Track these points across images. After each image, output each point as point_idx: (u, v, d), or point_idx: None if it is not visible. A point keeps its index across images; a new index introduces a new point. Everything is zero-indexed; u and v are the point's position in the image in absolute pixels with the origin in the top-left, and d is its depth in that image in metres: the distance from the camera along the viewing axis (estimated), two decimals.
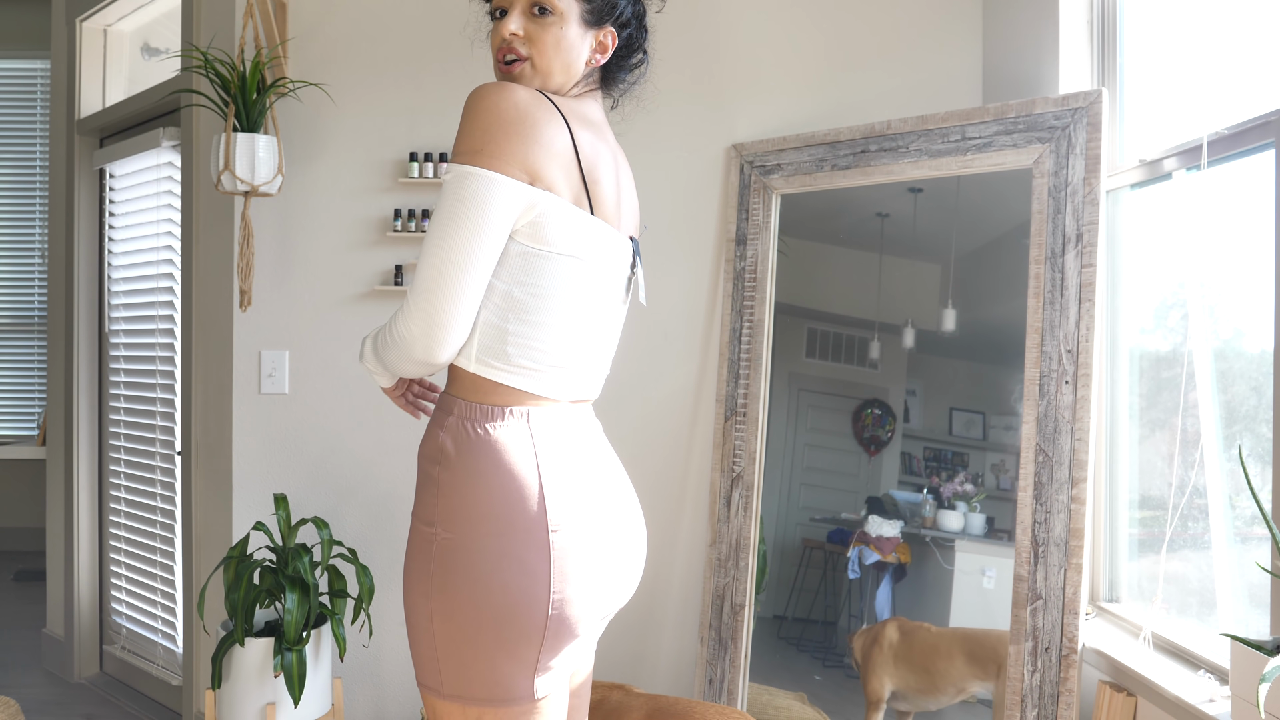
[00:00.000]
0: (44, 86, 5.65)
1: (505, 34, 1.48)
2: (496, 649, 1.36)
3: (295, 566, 2.62)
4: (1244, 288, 2.09)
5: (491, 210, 1.34)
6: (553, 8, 1.47)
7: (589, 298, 1.47)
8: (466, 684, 1.37)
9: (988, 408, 2.49)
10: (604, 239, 1.48)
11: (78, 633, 3.71)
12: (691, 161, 2.97)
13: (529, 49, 1.48)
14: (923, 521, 2.58)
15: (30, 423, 5.66)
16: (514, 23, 1.48)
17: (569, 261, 1.43)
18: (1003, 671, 2.26)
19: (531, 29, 1.47)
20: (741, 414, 2.84)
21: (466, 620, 1.36)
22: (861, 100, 2.93)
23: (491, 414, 1.41)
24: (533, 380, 1.44)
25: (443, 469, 1.41)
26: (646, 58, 1.63)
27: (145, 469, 3.49)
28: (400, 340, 1.39)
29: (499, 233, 1.36)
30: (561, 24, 1.48)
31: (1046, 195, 2.37)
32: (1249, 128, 1.97)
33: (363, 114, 2.94)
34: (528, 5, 1.48)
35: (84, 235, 3.73)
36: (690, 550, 2.97)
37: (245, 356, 2.92)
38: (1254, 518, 2.01)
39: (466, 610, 1.36)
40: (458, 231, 1.34)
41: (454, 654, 1.37)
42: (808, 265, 2.87)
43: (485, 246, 1.35)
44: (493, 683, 1.37)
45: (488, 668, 1.37)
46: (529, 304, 1.41)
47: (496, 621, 1.36)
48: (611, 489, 1.52)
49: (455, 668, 1.37)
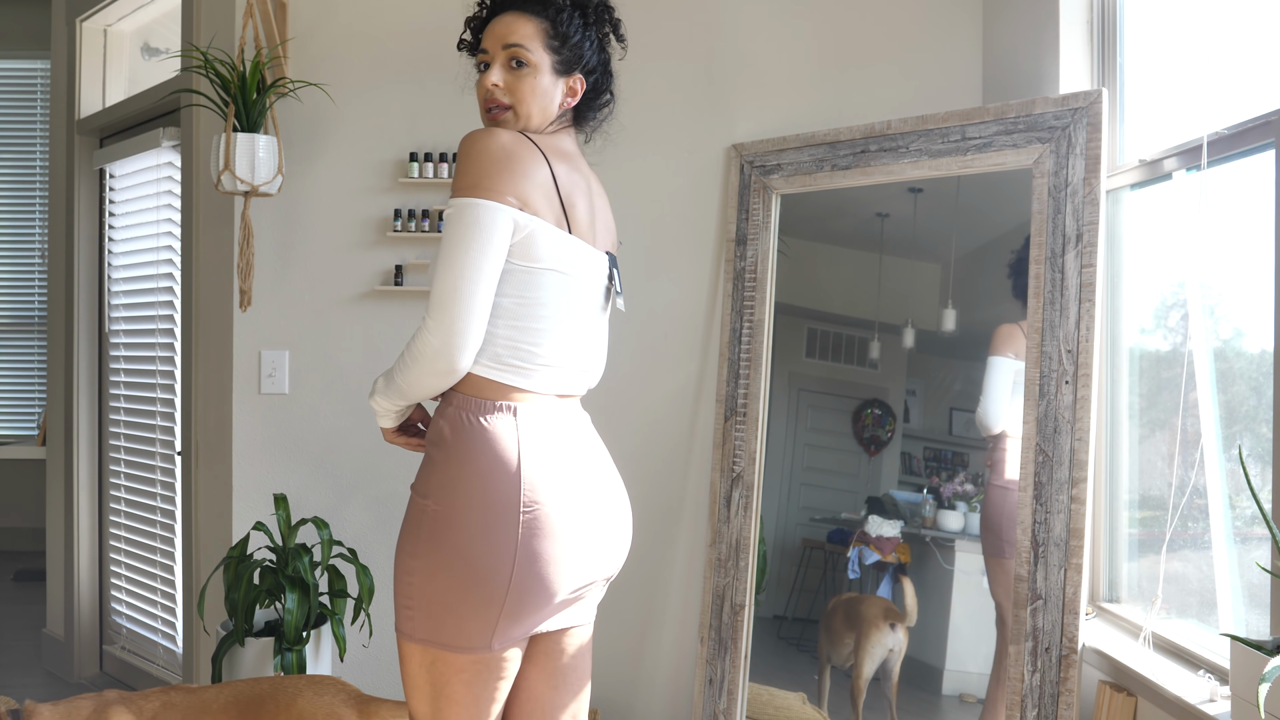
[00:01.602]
0: (44, 86, 5.65)
1: (489, 85, 1.73)
2: (463, 607, 1.60)
3: (295, 566, 2.62)
4: (1244, 288, 2.09)
5: (493, 232, 1.58)
6: (528, 61, 1.72)
7: (573, 305, 1.71)
8: (434, 631, 1.62)
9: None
10: (582, 254, 1.72)
11: (78, 633, 3.71)
12: (691, 161, 2.97)
13: (509, 98, 1.73)
14: (923, 521, 2.58)
15: (30, 423, 5.66)
16: (495, 75, 1.73)
17: (555, 275, 1.67)
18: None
19: (510, 80, 1.73)
20: (741, 414, 2.84)
21: (442, 580, 1.60)
22: (861, 100, 2.93)
23: (484, 406, 1.64)
24: (521, 377, 1.66)
25: (439, 450, 1.64)
26: (613, 98, 1.87)
27: (145, 469, 3.49)
28: (422, 355, 1.61)
29: (500, 251, 1.60)
30: (535, 74, 1.73)
31: (1046, 195, 2.37)
32: (1249, 128, 1.97)
33: (363, 114, 2.94)
34: (506, 59, 1.73)
35: (84, 235, 3.73)
36: (690, 550, 2.97)
37: (245, 356, 2.92)
38: (1254, 518, 2.01)
39: (443, 572, 1.60)
40: (466, 253, 1.57)
41: (427, 606, 1.61)
42: (808, 265, 2.87)
43: (490, 263, 1.59)
44: (455, 634, 1.61)
45: (454, 621, 1.61)
46: (520, 311, 1.64)
47: (465, 585, 1.59)
48: (593, 473, 1.73)
49: (427, 618, 1.62)
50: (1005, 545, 2.39)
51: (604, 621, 2.98)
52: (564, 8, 1.74)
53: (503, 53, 1.73)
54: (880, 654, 2.36)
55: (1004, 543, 2.40)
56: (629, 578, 2.96)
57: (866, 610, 2.46)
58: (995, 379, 2.46)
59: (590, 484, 1.71)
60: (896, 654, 2.35)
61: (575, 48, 1.75)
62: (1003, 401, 2.45)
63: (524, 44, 1.71)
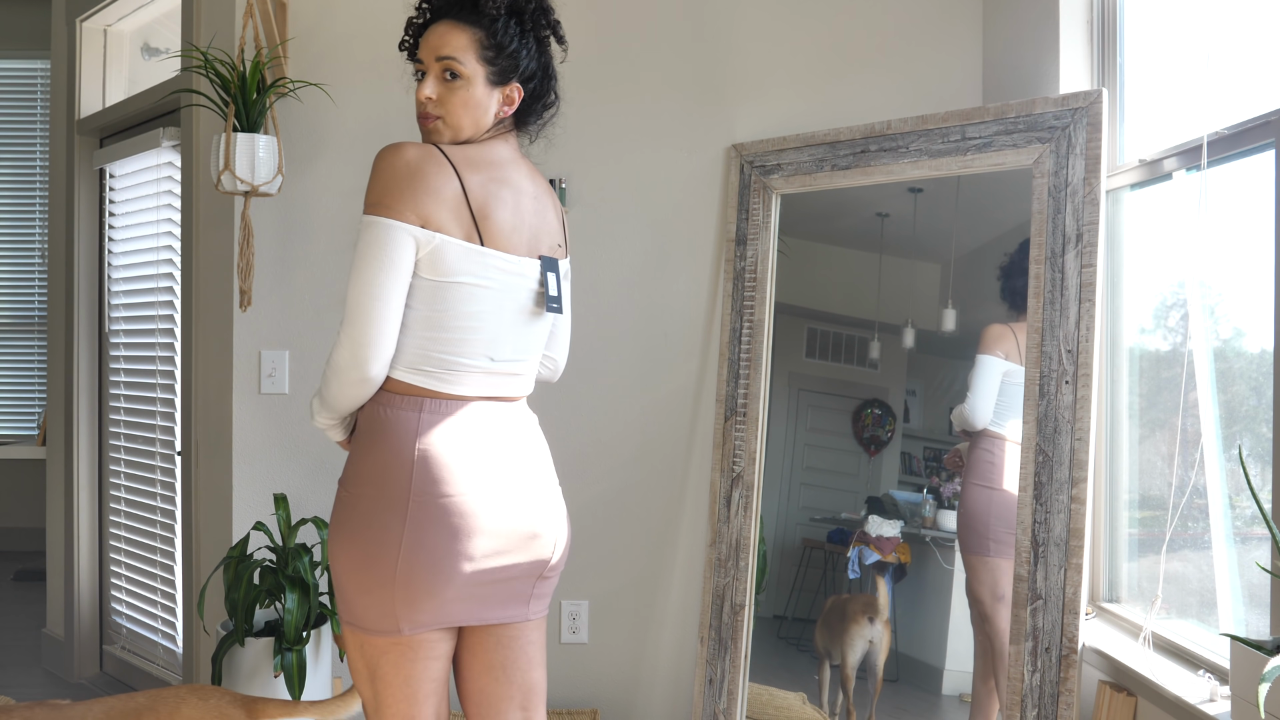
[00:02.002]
0: (44, 86, 5.65)
1: (422, 98, 1.75)
2: (366, 590, 1.68)
3: (295, 566, 2.62)
4: (1244, 288, 2.09)
5: (394, 251, 1.64)
6: (460, 73, 1.73)
7: (492, 313, 1.74)
8: (351, 613, 1.72)
9: None
10: (499, 264, 1.73)
11: (78, 633, 3.72)
12: (691, 161, 2.97)
13: (441, 110, 1.74)
14: (923, 521, 2.58)
15: (30, 423, 5.66)
16: (429, 88, 1.74)
17: (465, 287, 1.70)
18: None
19: (443, 92, 1.74)
20: (741, 414, 2.84)
21: (347, 562, 1.70)
22: (861, 100, 2.93)
23: (393, 402, 1.71)
24: (436, 382, 1.71)
25: (353, 442, 1.77)
26: (557, 99, 1.87)
27: (145, 469, 3.49)
28: (338, 368, 1.68)
29: (403, 268, 1.66)
30: (469, 86, 1.73)
31: (1046, 195, 2.37)
32: (1249, 128, 1.97)
33: (363, 114, 2.94)
34: (440, 71, 1.74)
35: (84, 235, 3.73)
36: (690, 550, 2.97)
37: (245, 356, 2.92)
38: (1254, 518, 2.01)
39: (346, 554, 1.70)
40: (370, 270, 1.64)
41: (343, 589, 1.72)
42: (808, 265, 2.87)
43: (393, 280, 1.65)
44: (365, 615, 1.70)
45: (363, 604, 1.69)
46: (431, 321, 1.69)
47: (360, 567, 1.68)
48: (512, 471, 1.76)
49: (344, 600, 1.72)
50: (990, 543, 2.40)
51: (604, 621, 2.98)
52: (498, 16, 1.73)
53: (436, 64, 1.73)
54: (861, 645, 2.49)
55: (988, 540, 2.41)
56: (629, 578, 2.97)
57: (850, 607, 2.59)
58: (983, 377, 2.48)
59: (505, 481, 1.74)
60: (876, 645, 2.47)
61: (511, 56, 1.75)
62: (989, 399, 2.46)
63: (456, 56, 1.72)
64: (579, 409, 2.95)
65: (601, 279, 2.92)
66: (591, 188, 2.96)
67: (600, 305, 2.92)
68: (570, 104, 2.97)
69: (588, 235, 2.91)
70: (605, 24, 2.96)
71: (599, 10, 2.96)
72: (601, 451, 2.98)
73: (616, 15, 2.96)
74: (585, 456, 2.96)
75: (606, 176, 2.95)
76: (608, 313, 2.94)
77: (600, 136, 2.96)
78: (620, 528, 2.97)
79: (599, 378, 2.93)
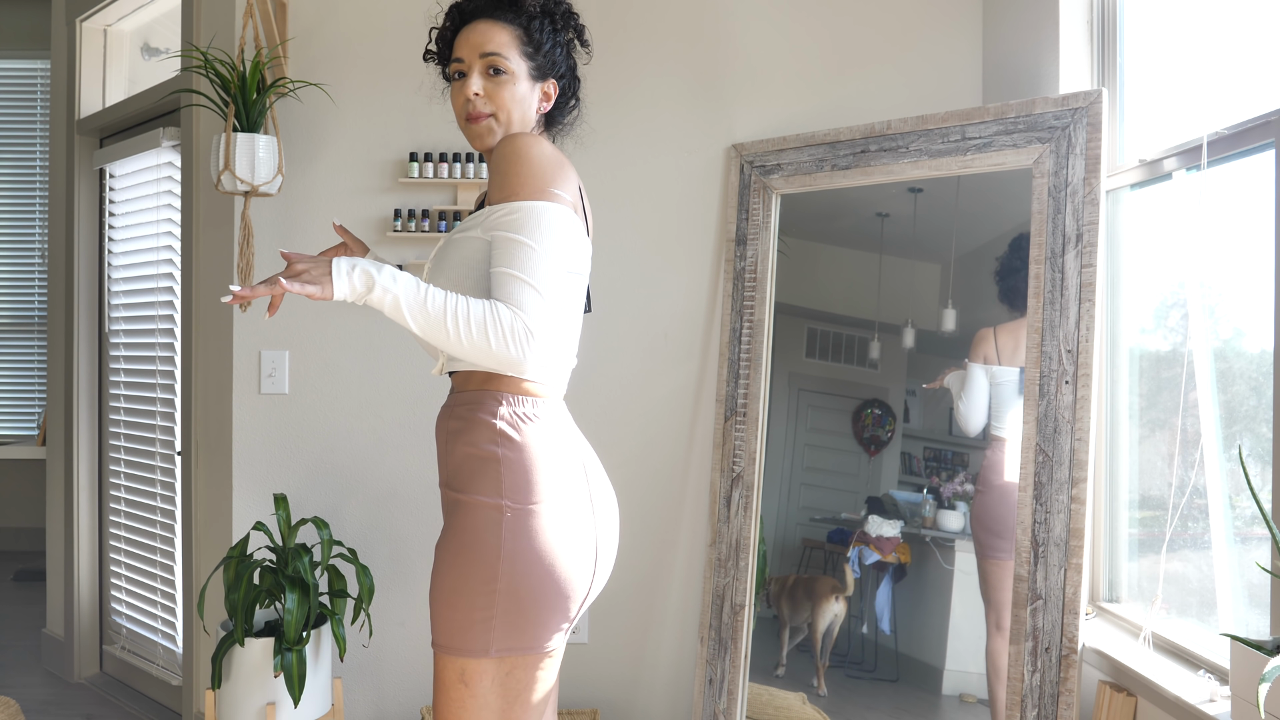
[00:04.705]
0: (44, 86, 5.65)
1: (469, 94, 1.70)
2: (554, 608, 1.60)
3: (295, 566, 2.62)
4: (1244, 288, 2.09)
5: (570, 237, 1.61)
6: (506, 69, 1.71)
7: (580, 308, 1.73)
8: (517, 638, 1.58)
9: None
10: (590, 260, 1.76)
11: (78, 633, 3.72)
12: (691, 161, 2.97)
13: (491, 106, 1.71)
14: (923, 521, 2.58)
15: (30, 423, 5.66)
16: (475, 84, 1.70)
17: (580, 279, 1.69)
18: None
19: (490, 88, 1.71)
20: (741, 414, 2.84)
21: (535, 581, 1.57)
22: (861, 100, 2.93)
23: (535, 405, 1.64)
24: (555, 379, 1.69)
25: (506, 449, 1.60)
26: (579, 102, 1.88)
27: (145, 469, 3.49)
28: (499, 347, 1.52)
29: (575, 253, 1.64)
30: (514, 81, 1.71)
31: (1046, 195, 2.37)
32: (1249, 128, 1.97)
33: (363, 114, 2.94)
34: (484, 67, 1.71)
35: (84, 235, 3.73)
36: (690, 550, 2.97)
37: (245, 356, 2.93)
38: (1254, 518, 2.01)
39: (536, 571, 1.57)
40: (556, 260, 1.57)
41: (512, 613, 1.57)
42: (808, 265, 2.87)
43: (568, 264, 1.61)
44: (538, 634, 1.60)
45: (543, 621, 1.59)
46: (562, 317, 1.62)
47: (561, 580, 1.59)
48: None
49: (508, 626, 1.57)
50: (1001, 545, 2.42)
51: (604, 621, 2.98)
52: (535, 15, 1.74)
53: (480, 61, 1.71)
54: (829, 618, 2.71)
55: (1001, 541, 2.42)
56: (629, 578, 2.97)
57: (819, 587, 2.75)
58: (969, 386, 2.50)
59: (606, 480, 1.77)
60: (839, 618, 2.71)
61: (548, 54, 1.76)
62: (974, 406, 2.49)
63: (501, 52, 1.70)
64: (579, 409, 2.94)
65: (601, 279, 2.92)
66: (591, 188, 2.95)
67: (600, 305, 2.92)
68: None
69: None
70: (605, 24, 2.96)
71: (599, 10, 2.96)
72: (602, 451, 2.95)
73: (617, 15, 2.96)
74: None
75: (606, 176, 2.95)
76: (608, 313, 2.94)
77: (600, 136, 2.96)
78: (620, 527, 2.97)
79: (599, 378, 2.93)
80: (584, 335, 2.89)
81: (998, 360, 2.45)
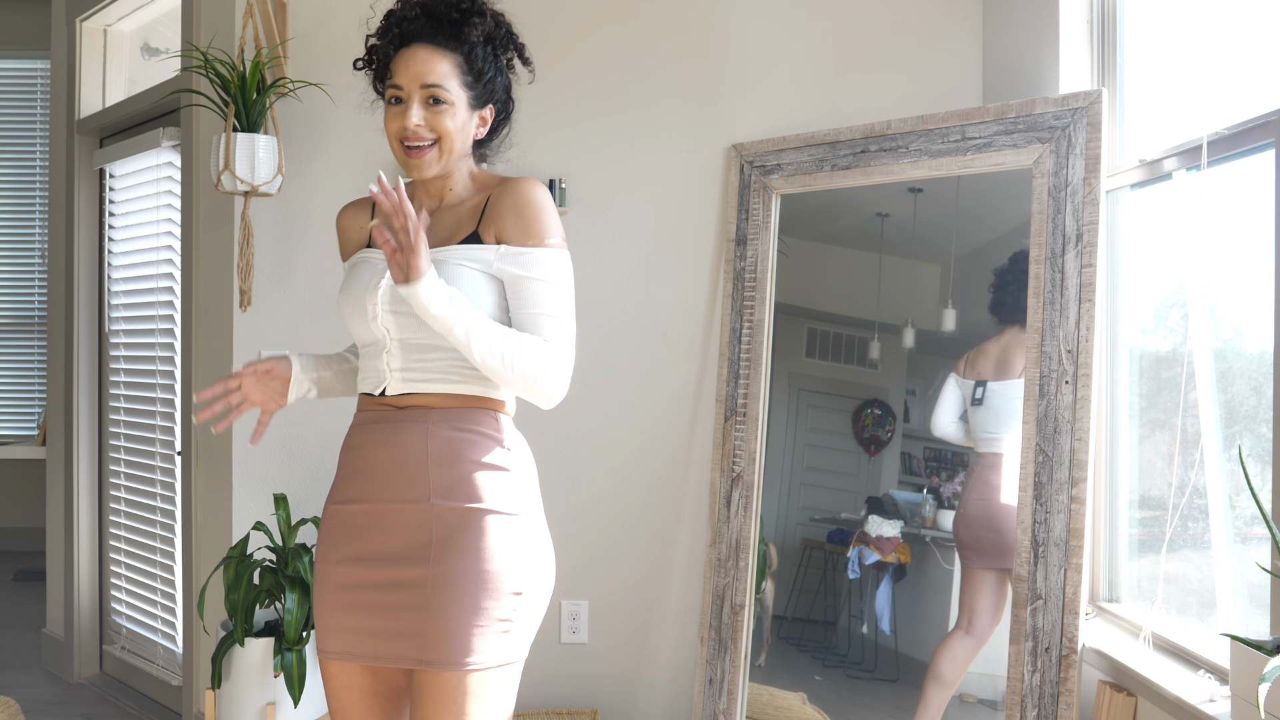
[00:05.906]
0: (44, 86, 5.65)
1: (409, 125, 1.67)
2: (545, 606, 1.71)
3: (295, 566, 2.62)
4: (1244, 288, 2.09)
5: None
6: (446, 100, 1.67)
7: None
8: (527, 642, 1.67)
9: None
10: None
11: (78, 633, 3.72)
12: (691, 161, 2.97)
13: (433, 134, 1.68)
14: (923, 521, 2.58)
15: (30, 423, 5.66)
16: (415, 115, 1.66)
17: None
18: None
19: (430, 117, 1.67)
20: (741, 414, 2.84)
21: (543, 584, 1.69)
22: (861, 100, 2.92)
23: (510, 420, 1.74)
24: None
25: (512, 462, 1.69)
26: (510, 122, 1.85)
27: (145, 469, 3.49)
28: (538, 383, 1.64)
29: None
30: (454, 111, 1.68)
31: (1046, 195, 2.37)
32: (1249, 128, 1.97)
33: (363, 114, 2.93)
34: (425, 97, 1.67)
35: (84, 235, 3.73)
36: (690, 550, 2.97)
37: (245, 356, 2.92)
38: (1254, 518, 2.01)
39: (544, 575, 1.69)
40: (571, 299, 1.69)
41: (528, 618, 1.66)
42: (808, 265, 2.87)
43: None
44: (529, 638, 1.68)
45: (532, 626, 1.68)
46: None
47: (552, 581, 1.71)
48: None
49: (524, 632, 1.65)
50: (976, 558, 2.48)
51: (604, 621, 2.98)
52: (477, 43, 1.70)
53: (421, 91, 1.67)
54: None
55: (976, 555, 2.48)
56: (629, 578, 2.97)
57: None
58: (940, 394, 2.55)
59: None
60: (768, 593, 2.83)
61: (489, 83, 1.73)
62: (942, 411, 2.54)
63: (442, 84, 1.66)
64: (579, 409, 2.95)
65: (601, 279, 2.92)
66: (591, 188, 2.95)
67: (600, 305, 2.92)
68: (570, 104, 2.98)
69: (587, 235, 2.91)
70: (605, 24, 2.96)
71: (599, 10, 2.96)
72: (601, 451, 2.98)
73: (616, 15, 2.96)
74: (585, 456, 2.96)
75: (606, 176, 2.95)
76: (607, 313, 2.94)
77: (600, 136, 2.96)
78: (620, 528, 2.97)
79: (599, 378, 2.93)
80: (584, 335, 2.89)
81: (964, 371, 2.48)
